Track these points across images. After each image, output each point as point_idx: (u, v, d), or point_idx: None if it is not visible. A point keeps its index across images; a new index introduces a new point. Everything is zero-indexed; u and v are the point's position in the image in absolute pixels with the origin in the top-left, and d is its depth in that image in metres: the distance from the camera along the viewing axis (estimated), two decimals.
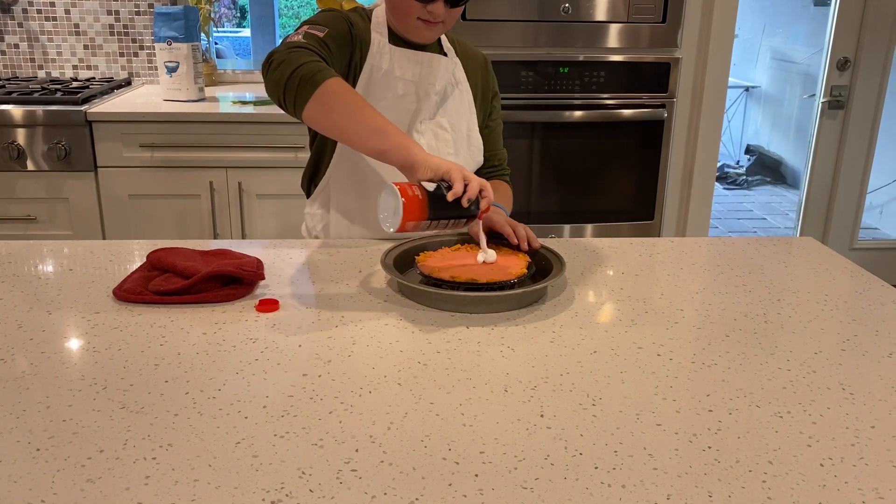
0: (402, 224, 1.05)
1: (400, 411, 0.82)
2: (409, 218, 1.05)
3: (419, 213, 1.06)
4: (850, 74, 3.18)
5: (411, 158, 1.11)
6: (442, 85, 1.39)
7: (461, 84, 1.44)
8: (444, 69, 1.38)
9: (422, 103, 1.37)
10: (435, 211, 1.07)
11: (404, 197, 1.05)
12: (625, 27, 2.64)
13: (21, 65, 2.85)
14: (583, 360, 0.95)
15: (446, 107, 1.41)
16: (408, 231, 1.07)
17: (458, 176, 1.08)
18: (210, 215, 2.46)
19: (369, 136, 1.14)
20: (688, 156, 2.85)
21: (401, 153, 1.12)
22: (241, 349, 0.95)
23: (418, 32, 1.33)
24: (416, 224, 1.07)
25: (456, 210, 1.08)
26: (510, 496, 0.69)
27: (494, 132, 1.53)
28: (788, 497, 0.69)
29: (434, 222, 1.09)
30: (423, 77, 1.36)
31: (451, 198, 1.07)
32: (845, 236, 3.38)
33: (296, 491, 0.69)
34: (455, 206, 1.08)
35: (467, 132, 1.44)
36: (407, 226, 1.06)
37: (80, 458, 0.72)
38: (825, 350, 0.99)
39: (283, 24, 7.77)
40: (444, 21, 1.31)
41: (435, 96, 1.38)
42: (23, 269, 1.20)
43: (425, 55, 1.37)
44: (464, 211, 1.09)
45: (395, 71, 1.34)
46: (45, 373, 0.88)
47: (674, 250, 1.39)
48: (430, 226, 1.09)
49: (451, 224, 1.11)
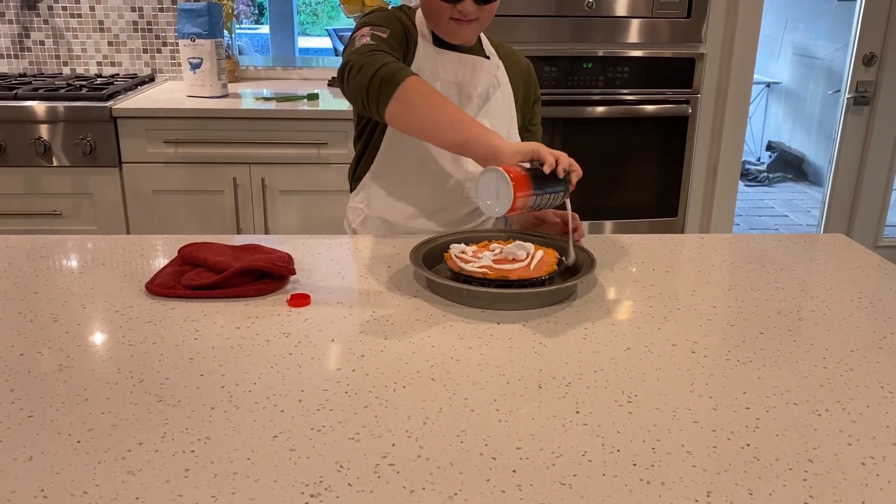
0: (514, 201, 1.08)
1: (435, 406, 0.82)
2: (518, 193, 1.08)
3: (526, 187, 1.09)
4: (876, 70, 3.15)
5: (494, 147, 1.13)
6: (484, 87, 1.39)
7: (503, 87, 1.44)
8: (486, 71, 1.39)
9: (464, 105, 1.37)
10: (538, 185, 1.11)
11: (511, 174, 1.08)
12: (649, 22, 2.62)
13: (46, 61, 2.88)
14: (616, 356, 0.94)
15: (488, 108, 1.41)
16: (516, 211, 1.10)
17: (545, 151, 1.12)
18: (233, 211, 2.47)
19: (449, 128, 1.16)
20: (712, 152, 2.83)
21: (482, 142, 1.14)
22: (274, 343, 0.95)
23: (452, 33, 1.34)
24: (525, 200, 1.10)
25: (553, 183, 1.13)
26: (549, 492, 0.68)
27: (534, 136, 1.53)
28: (831, 495, 0.69)
29: (538, 198, 1.12)
30: (466, 79, 1.37)
31: (547, 170, 1.11)
32: (870, 233, 3.34)
33: (335, 484, 0.69)
34: (552, 178, 1.13)
35: (507, 134, 1.44)
36: (517, 203, 1.09)
37: (120, 450, 0.73)
38: (862, 348, 0.98)
39: (301, 20, 7.80)
40: (478, 19, 1.32)
41: (477, 98, 1.38)
42: (55, 263, 1.21)
43: (468, 57, 1.37)
44: (560, 183, 1.14)
45: (439, 72, 1.35)
46: (82, 366, 0.89)
47: (703, 247, 1.38)
48: (537, 202, 1.13)
49: (553, 200, 1.15)
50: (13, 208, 2.42)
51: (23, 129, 2.35)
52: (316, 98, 2.54)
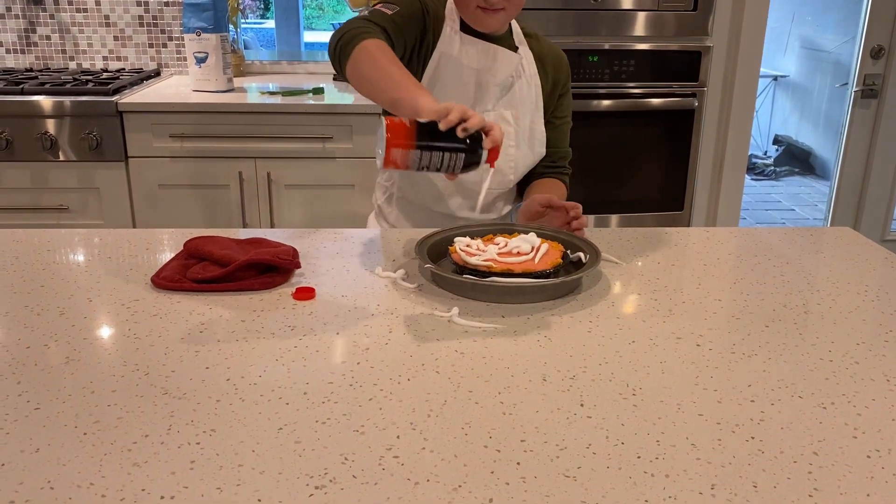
0: (388, 153, 0.98)
1: (439, 399, 0.82)
2: (394, 145, 0.98)
3: (405, 141, 0.99)
4: (884, 63, 3.13)
5: (417, 105, 1.07)
6: (504, 77, 1.39)
7: (530, 77, 1.44)
8: (509, 62, 1.39)
9: (482, 93, 1.38)
10: (423, 140, 1.00)
11: (389, 125, 0.98)
12: (655, 15, 2.61)
13: (53, 56, 2.88)
14: (621, 349, 0.94)
15: (511, 98, 1.41)
16: (397, 165, 1.00)
17: (457, 109, 1.01)
18: (239, 205, 2.48)
19: (387, 88, 1.16)
20: (718, 145, 2.82)
21: (409, 102, 1.09)
22: (279, 336, 0.95)
23: (479, 21, 1.34)
24: (405, 154, 0.99)
25: (450, 142, 1.01)
26: (553, 484, 0.68)
27: (559, 129, 1.53)
28: (835, 488, 0.68)
29: (426, 156, 1.00)
30: (486, 68, 1.37)
31: (443, 127, 1.00)
32: (877, 227, 3.33)
33: (339, 476, 0.69)
34: (447, 137, 1.00)
35: (531, 125, 1.44)
36: (394, 155, 0.98)
37: (125, 442, 0.73)
38: (867, 341, 0.98)
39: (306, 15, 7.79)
40: (506, 8, 1.33)
41: (495, 87, 1.39)
42: (61, 257, 1.22)
43: (491, 47, 1.38)
44: (460, 144, 1.01)
45: (462, 59, 1.36)
46: (88, 359, 0.89)
47: (709, 240, 1.37)
48: (423, 161, 1.01)
49: (447, 163, 1.02)
50: (20, 203, 2.43)
51: (29, 123, 2.36)
52: (321, 92, 2.54)
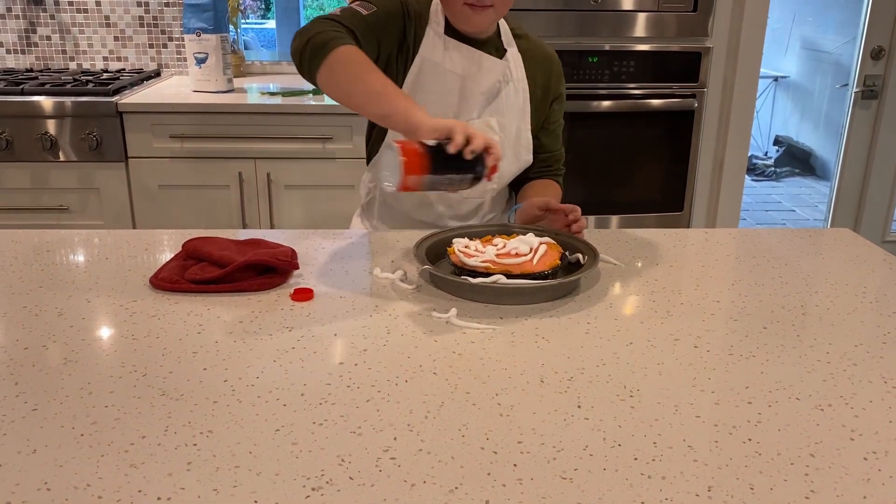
0: (403, 180, 1.03)
1: (436, 400, 0.82)
2: (409, 172, 1.03)
3: (420, 167, 1.04)
4: (884, 63, 3.13)
5: (413, 122, 1.09)
6: (489, 85, 1.35)
7: (518, 82, 1.39)
8: (494, 70, 1.35)
9: (466, 101, 1.35)
10: (436, 165, 1.05)
11: (404, 152, 1.03)
12: (654, 16, 2.61)
13: (53, 56, 2.88)
14: (619, 351, 0.94)
15: (497, 105, 1.37)
16: (410, 189, 1.06)
17: (460, 130, 1.06)
18: (239, 206, 2.48)
19: (373, 100, 1.15)
20: (718, 146, 2.82)
21: (402, 117, 1.10)
22: (277, 337, 0.95)
23: (467, 19, 1.30)
24: (419, 180, 1.04)
25: (459, 165, 1.06)
26: (549, 486, 0.68)
27: (553, 133, 1.50)
28: (832, 490, 0.68)
29: (438, 180, 1.06)
30: (471, 75, 1.34)
31: (452, 150, 1.04)
32: (877, 228, 3.33)
33: (336, 478, 0.69)
34: (458, 160, 1.06)
35: (517, 132, 1.41)
36: (408, 182, 1.03)
37: (123, 443, 0.73)
38: (865, 343, 0.98)
39: (307, 15, 7.78)
40: (494, 6, 1.28)
41: (480, 95, 1.35)
42: (60, 257, 1.22)
43: (476, 53, 1.34)
44: (468, 166, 1.06)
45: (446, 64, 1.33)
46: (86, 360, 0.89)
47: (707, 241, 1.37)
48: (434, 184, 1.06)
49: (457, 183, 1.08)
50: (20, 203, 2.43)
51: (30, 124, 2.36)
52: (321, 93, 2.54)
